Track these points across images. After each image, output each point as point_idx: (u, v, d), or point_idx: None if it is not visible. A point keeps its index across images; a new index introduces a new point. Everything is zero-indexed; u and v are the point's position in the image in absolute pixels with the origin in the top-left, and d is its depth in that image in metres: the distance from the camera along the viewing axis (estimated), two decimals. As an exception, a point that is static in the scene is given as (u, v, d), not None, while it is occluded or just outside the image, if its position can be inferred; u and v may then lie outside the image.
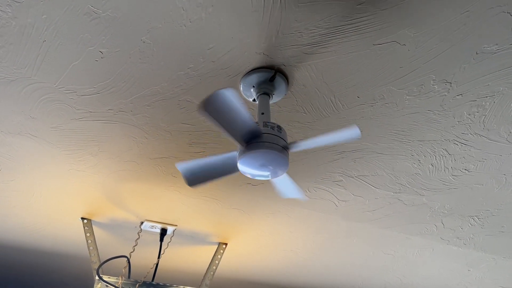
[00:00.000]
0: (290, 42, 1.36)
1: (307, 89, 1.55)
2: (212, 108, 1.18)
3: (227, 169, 1.45)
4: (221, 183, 2.10)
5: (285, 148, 1.35)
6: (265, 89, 1.50)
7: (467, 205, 2.31)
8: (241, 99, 1.31)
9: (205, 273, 2.58)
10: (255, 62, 1.44)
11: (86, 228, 2.41)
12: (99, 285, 2.22)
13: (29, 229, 2.58)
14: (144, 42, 1.36)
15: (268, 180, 2.08)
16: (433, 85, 1.52)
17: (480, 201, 2.27)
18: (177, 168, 1.46)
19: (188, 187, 2.13)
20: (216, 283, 3.47)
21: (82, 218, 2.42)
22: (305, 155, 1.89)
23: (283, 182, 1.58)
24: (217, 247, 2.73)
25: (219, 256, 2.68)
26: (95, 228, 2.51)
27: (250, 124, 1.26)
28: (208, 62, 1.43)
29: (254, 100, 1.56)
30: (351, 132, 1.28)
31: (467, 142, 1.81)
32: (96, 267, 2.27)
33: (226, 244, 2.74)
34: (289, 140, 1.76)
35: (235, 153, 1.39)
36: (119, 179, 2.07)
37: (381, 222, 2.47)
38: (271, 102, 1.54)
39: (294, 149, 1.37)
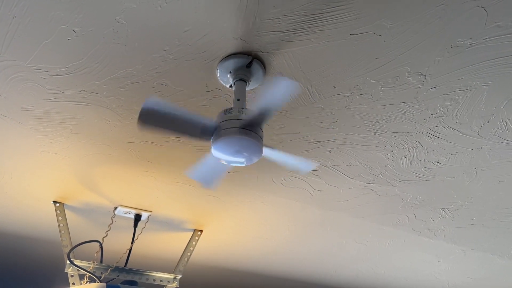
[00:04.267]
0: (267, 28, 1.35)
1: (284, 77, 1.54)
2: (150, 119, 1.20)
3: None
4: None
5: (261, 136, 1.35)
6: (242, 75, 1.49)
7: (439, 197, 2.36)
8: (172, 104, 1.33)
9: (179, 260, 2.58)
10: (232, 47, 1.42)
11: (58, 212, 2.37)
12: (70, 269, 2.19)
13: (-1, 212, 2.53)
14: (118, 22, 1.33)
15: (244, 167, 2.08)
16: (408, 77, 1.54)
17: (451, 194, 2.33)
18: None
19: (164, 172, 2.11)
20: (190, 270, 3.48)
21: (54, 202, 2.38)
22: (281, 144, 1.90)
23: (288, 160, 1.59)
24: (192, 234, 2.72)
25: (194, 243, 2.67)
26: (67, 212, 2.47)
27: (201, 119, 1.28)
28: (184, 45, 1.41)
29: (230, 86, 1.55)
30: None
31: (440, 135, 1.84)
32: (68, 251, 2.24)
33: (201, 231, 2.74)
34: (265, 128, 1.77)
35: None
36: (92, 163, 2.03)
37: (355, 211, 2.51)
38: (247, 88, 1.54)
39: (260, 120, 1.38)
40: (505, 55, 1.45)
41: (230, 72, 1.49)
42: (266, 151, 1.45)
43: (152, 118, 1.28)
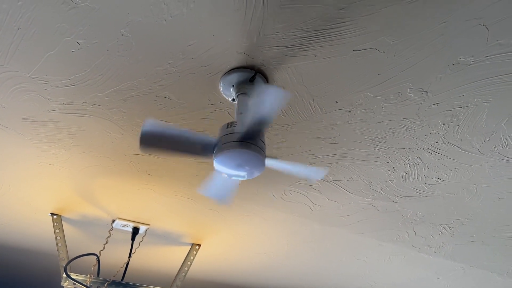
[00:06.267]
0: (271, 43, 1.36)
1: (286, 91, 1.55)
2: (151, 142, 1.20)
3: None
4: (196, 183, 2.08)
5: (263, 150, 1.35)
6: (245, 89, 1.49)
7: (439, 214, 2.35)
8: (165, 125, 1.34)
9: (177, 274, 2.55)
10: (235, 61, 1.43)
11: (55, 224, 2.35)
12: (66, 283, 2.16)
13: (-4, 223, 2.50)
14: (123, 35, 1.33)
15: (244, 181, 2.07)
16: (409, 93, 1.54)
17: (451, 210, 2.32)
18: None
19: (164, 185, 2.10)
20: (187, 285, 3.43)
21: (52, 214, 2.36)
22: (282, 158, 1.89)
23: (298, 169, 1.58)
24: (190, 248, 2.70)
25: (191, 257, 2.65)
26: (65, 225, 2.45)
27: (200, 137, 1.29)
28: (188, 58, 1.42)
29: (233, 99, 1.55)
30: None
31: (441, 151, 1.84)
32: (64, 264, 2.21)
33: (199, 245, 2.72)
34: (266, 142, 1.77)
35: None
36: (91, 175, 2.02)
37: (355, 227, 2.49)
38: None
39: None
40: (506, 73, 1.46)
41: (233, 86, 1.50)
42: (272, 162, 1.45)
43: (153, 141, 1.30)
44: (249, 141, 1.31)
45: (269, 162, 1.44)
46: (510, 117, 1.65)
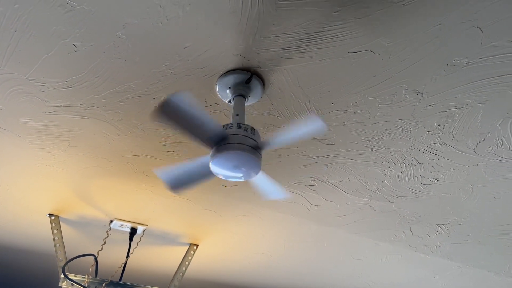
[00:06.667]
0: (267, 46, 1.37)
1: (282, 93, 1.55)
2: (170, 112, 1.18)
3: (203, 174, 1.46)
4: (193, 183, 2.09)
5: (257, 150, 1.35)
6: (241, 91, 1.50)
7: (435, 214, 2.37)
8: (198, 103, 1.33)
9: (174, 274, 2.55)
10: (231, 63, 1.44)
11: (53, 224, 2.35)
12: (64, 283, 2.17)
13: (-6, 224, 2.50)
14: (119, 37, 1.34)
15: (241, 181, 2.08)
16: (405, 94, 1.55)
17: (447, 210, 2.33)
18: (157, 175, 1.43)
19: (161, 186, 2.11)
20: (185, 285, 3.44)
21: (50, 215, 2.36)
22: (279, 159, 1.90)
23: (264, 183, 1.59)
24: (188, 248, 2.70)
25: (189, 257, 2.66)
26: (62, 225, 2.45)
27: (214, 126, 1.27)
28: (184, 61, 1.42)
29: (229, 101, 1.55)
30: (316, 125, 1.32)
31: (436, 152, 1.85)
32: (62, 264, 2.22)
33: (197, 245, 2.72)
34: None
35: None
36: (89, 176, 2.03)
37: (351, 227, 2.50)
38: (246, 104, 1.55)
39: (267, 148, 1.37)
40: (500, 74, 1.47)
41: (229, 87, 1.51)
42: (272, 143, 1.43)
43: (173, 112, 1.24)
44: (226, 142, 1.32)
45: (270, 145, 1.41)
46: (505, 118, 1.66)
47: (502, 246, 2.71)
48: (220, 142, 1.32)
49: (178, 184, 1.51)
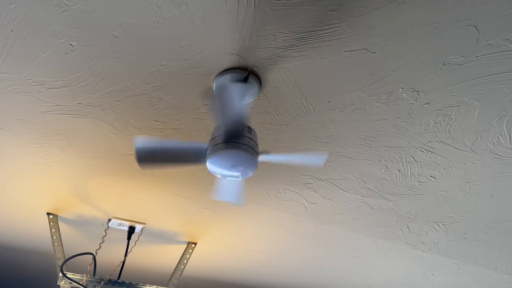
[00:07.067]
0: (263, 45, 1.37)
1: (279, 92, 1.56)
2: (147, 158, 1.21)
3: (190, 159, 1.43)
4: (191, 181, 2.10)
5: (256, 151, 1.36)
6: (238, 90, 1.50)
7: (432, 211, 2.38)
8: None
9: (173, 273, 2.56)
10: (228, 62, 1.44)
11: (51, 223, 2.35)
12: (62, 282, 2.17)
13: (-8, 223, 2.51)
14: (115, 37, 1.34)
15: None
16: (401, 93, 1.56)
17: (444, 208, 2.34)
18: (134, 142, 1.41)
19: (159, 184, 2.11)
20: (183, 283, 3.45)
21: (48, 214, 2.37)
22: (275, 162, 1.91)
23: (231, 185, 1.61)
24: (186, 247, 2.71)
25: (187, 256, 2.66)
26: (61, 224, 2.46)
27: (242, 123, 1.29)
28: (181, 60, 1.42)
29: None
30: (318, 158, 1.35)
31: (433, 150, 1.86)
32: (61, 263, 2.22)
33: (195, 243, 2.73)
34: (260, 141, 1.78)
35: (203, 145, 1.38)
36: (87, 175, 2.03)
37: (349, 225, 2.51)
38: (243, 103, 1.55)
39: (261, 158, 1.40)
40: (496, 73, 1.47)
41: (226, 86, 1.51)
42: (270, 158, 1.46)
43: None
44: (236, 140, 1.32)
45: (267, 158, 1.45)
46: (501, 115, 1.67)
47: (499, 243, 2.72)
48: (231, 139, 1.33)
49: (148, 158, 1.42)
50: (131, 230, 2.50)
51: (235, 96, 1.20)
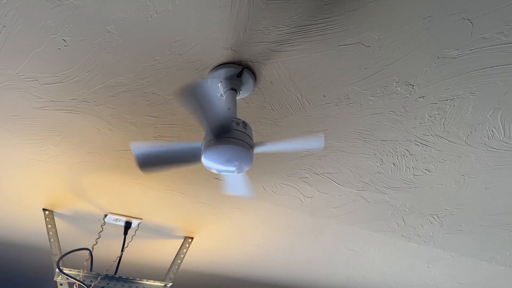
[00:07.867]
0: (258, 39, 1.37)
1: (274, 86, 1.56)
2: (195, 95, 1.19)
3: (187, 159, 1.44)
4: (187, 177, 2.10)
5: (249, 144, 1.36)
6: (233, 85, 1.50)
7: (427, 204, 2.39)
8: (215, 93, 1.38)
9: (170, 267, 2.57)
10: (222, 57, 1.43)
11: (47, 219, 2.35)
12: (59, 278, 2.17)
13: (-13, 220, 2.50)
14: (109, 32, 1.33)
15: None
16: (396, 87, 1.56)
17: (439, 201, 2.35)
18: (131, 148, 1.45)
19: (154, 180, 2.11)
20: (180, 277, 3.46)
21: (44, 209, 2.36)
22: (271, 152, 1.91)
23: (236, 178, 1.61)
24: (183, 241, 2.72)
25: (184, 250, 2.67)
26: (57, 220, 2.45)
27: (225, 117, 1.28)
28: (175, 54, 1.42)
29: (221, 95, 1.55)
30: (315, 140, 1.35)
31: (428, 143, 1.87)
32: (57, 259, 2.22)
33: (192, 238, 2.74)
34: (255, 136, 1.78)
35: (198, 144, 1.39)
36: (82, 171, 2.03)
37: (345, 218, 2.52)
38: (238, 97, 1.55)
39: (257, 149, 1.40)
40: (490, 66, 1.48)
41: (221, 81, 1.50)
42: (265, 148, 1.45)
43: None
44: (226, 135, 1.32)
45: (263, 148, 1.44)
46: (495, 109, 1.68)
47: (493, 235, 2.74)
48: (220, 134, 1.32)
49: (148, 163, 1.47)
50: (128, 225, 2.50)
51: (207, 94, 1.20)
